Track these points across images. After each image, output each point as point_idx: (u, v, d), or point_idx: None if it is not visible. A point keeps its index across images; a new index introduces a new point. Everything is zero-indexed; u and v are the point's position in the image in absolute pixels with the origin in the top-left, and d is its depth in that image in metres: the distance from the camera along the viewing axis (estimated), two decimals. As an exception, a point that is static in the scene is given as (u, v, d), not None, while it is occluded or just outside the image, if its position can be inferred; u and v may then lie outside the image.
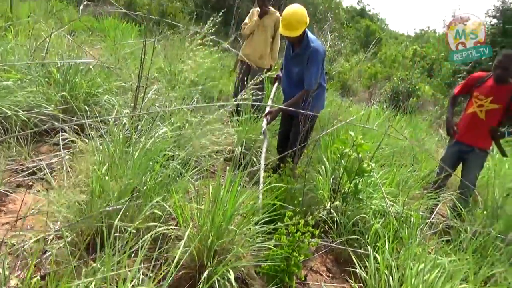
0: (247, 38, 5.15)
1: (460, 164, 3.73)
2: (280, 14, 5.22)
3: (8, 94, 3.05)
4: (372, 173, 2.84)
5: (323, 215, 2.70)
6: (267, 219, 2.18)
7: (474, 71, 9.77)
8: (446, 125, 3.74)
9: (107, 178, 2.07)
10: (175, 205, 2.02)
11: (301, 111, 2.97)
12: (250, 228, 2.05)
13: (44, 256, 1.89)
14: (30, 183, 2.59)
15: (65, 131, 3.02)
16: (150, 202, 2.00)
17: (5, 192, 2.40)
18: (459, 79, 9.97)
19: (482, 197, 3.93)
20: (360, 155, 2.81)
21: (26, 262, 1.82)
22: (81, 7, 9.05)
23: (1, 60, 3.81)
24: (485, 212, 3.06)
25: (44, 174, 2.68)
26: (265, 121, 3.33)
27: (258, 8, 5.03)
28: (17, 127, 2.91)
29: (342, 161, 2.93)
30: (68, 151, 2.88)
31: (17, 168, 2.67)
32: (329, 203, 2.85)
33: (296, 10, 3.13)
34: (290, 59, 3.36)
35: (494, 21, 9.98)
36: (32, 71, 3.51)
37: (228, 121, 4.28)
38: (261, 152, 3.74)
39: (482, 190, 4.17)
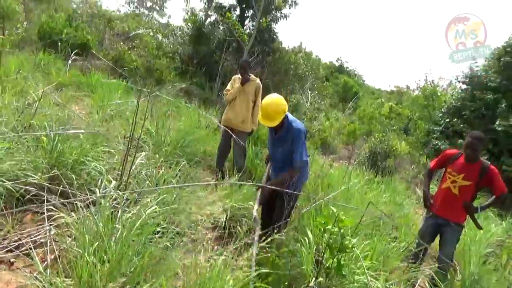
0: (229, 104, 5.39)
1: (438, 236, 3.87)
2: (261, 80, 5.58)
3: (-5, 163, 3.06)
4: (354, 249, 2.93)
5: (307, 291, 2.73)
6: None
7: (446, 132, 10.33)
8: (423, 197, 3.94)
9: (93, 261, 2.07)
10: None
11: (287, 190, 3.08)
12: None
13: None
14: (12, 259, 2.54)
15: (49, 201, 3.03)
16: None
17: (-15, 270, 2.35)
18: (432, 139, 10.47)
19: (460, 265, 4.04)
20: (342, 230, 2.91)
21: None
22: (69, 62, 9.30)
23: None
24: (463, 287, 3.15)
25: (28, 249, 2.66)
26: (255, 206, 3.30)
27: (239, 75, 5.34)
28: (2, 197, 2.90)
29: (325, 235, 3.02)
30: (52, 224, 2.87)
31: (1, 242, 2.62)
32: (313, 278, 2.89)
33: (272, 100, 3.28)
34: (273, 141, 3.53)
35: (464, 86, 10.74)
36: (21, 139, 3.53)
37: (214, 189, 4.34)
38: (244, 221, 3.80)
39: (459, 257, 4.29)
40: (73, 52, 9.81)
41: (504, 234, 5.31)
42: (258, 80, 5.42)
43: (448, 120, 10.40)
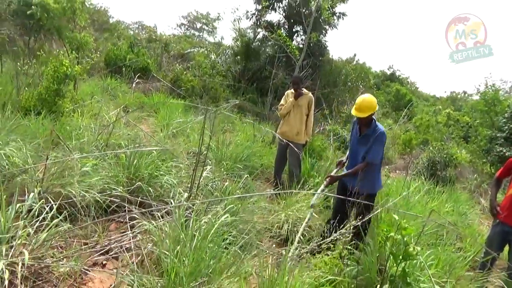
0: (283, 118, 5.61)
1: (508, 245, 3.74)
2: (312, 93, 5.77)
3: (86, 178, 3.50)
4: (418, 256, 2.95)
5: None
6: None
7: (511, 138, 9.72)
8: (490, 205, 3.85)
9: (180, 262, 2.33)
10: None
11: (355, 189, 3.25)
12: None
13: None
14: (104, 262, 2.89)
15: (131, 211, 3.40)
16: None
17: (84, 271, 2.71)
18: (496, 145, 9.91)
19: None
20: (405, 238, 2.96)
21: None
22: (133, 85, 10.10)
23: (76, 144, 4.37)
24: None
25: (117, 253, 3.01)
26: (314, 197, 3.67)
27: (292, 90, 5.57)
28: (92, 208, 3.31)
29: (387, 244, 3.07)
30: (135, 231, 3.22)
31: (93, 249, 2.99)
32: (377, 286, 2.95)
33: (368, 97, 3.70)
34: (357, 140, 3.83)
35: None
36: (103, 156, 3.98)
37: (274, 199, 4.53)
38: (306, 229, 3.94)
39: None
40: (136, 76, 10.68)
41: None
42: (310, 94, 5.62)
43: (512, 125, 9.79)
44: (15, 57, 8.17)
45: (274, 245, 3.53)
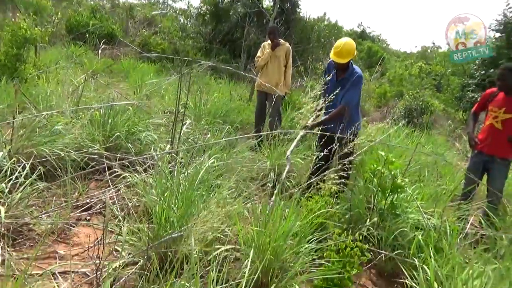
0: (261, 70, 5.46)
1: (486, 175, 3.86)
2: (290, 44, 5.61)
3: (59, 137, 3.30)
4: (405, 188, 2.99)
5: (363, 231, 2.83)
6: (314, 238, 2.34)
7: (483, 84, 9.97)
8: (468, 137, 3.94)
9: (169, 207, 2.25)
10: (238, 229, 2.18)
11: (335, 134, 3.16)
12: (303, 246, 2.20)
13: (118, 283, 2.04)
14: (88, 217, 2.78)
15: (109, 168, 3.25)
16: (212, 228, 2.17)
17: (68, 226, 2.59)
18: (468, 92, 10.14)
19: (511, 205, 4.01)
20: (392, 173, 2.97)
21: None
22: (99, 51, 9.60)
23: (45, 106, 4.11)
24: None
25: (100, 209, 2.89)
26: (290, 148, 3.58)
27: (269, 41, 5.38)
28: (69, 167, 3.14)
29: (375, 179, 3.09)
30: (116, 186, 3.10)
31: (74, 205, 2.86)
32: (367, 220, 2.98)
33: (347, 41, 3.55)
34: (334, 85, 3.69)
35: (498, 34, 10.24)
36: (77, 115, 3.77)
37: (257, 150, 4.47)
38: (286, 176, 3.92)
39: (509, 197, 4.27)
40: (102, 42, 10.12)
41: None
42: (287, 44, 5.46)
43: (483, 72, 9.99)
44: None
45: (259, 191, 3.49)
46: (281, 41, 5.46)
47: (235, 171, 3.40)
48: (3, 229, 2.25)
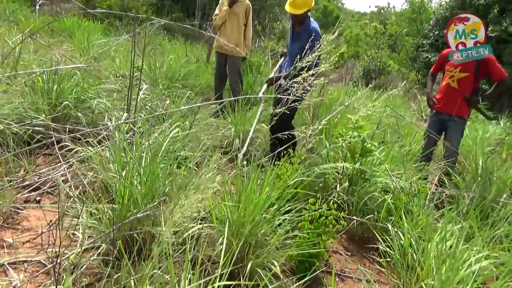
0: (219, 29, 5.14)
1: (444, 133, 4.00)
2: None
3: (-5, 107, 2.90)
4: (375, 152, 2.97)
5: (333, 197, 2.80)
6: (288, 209, 2.25)
7: (436, 44, 10.23)
8: (427, 97, 4.05)
9: (131, 184, 2.04)
10: (209, 205, 2.03)
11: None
12: (278, 219, 2.11)
13: (79, 271, 1.85)
14: (38, 198, 2.50)
15: (59, 141, 2.93)
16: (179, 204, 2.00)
17: (15, 210, 2.31)
18: (422, 52, 10.38)
19: (467, 162, 4.20)
20: (362, 137, 2.93)
21: (60, 278, 1.78)
22: (37, 7, 8.62)
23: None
24: (479, 178, 3.28)
25: (51, 188, 2.61)
26: (264, 86, 3.58)
27: None
28: (11, 141, 2.79)
29: (343, 144, 3.04)
30: (67, 161, 2.80)
31: (20, 184, 2.56)
32: (337, 185, 2.95)
33: None
34: (292, 38, 3.59)
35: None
36: (16, 82, 3.32)
37: (220, 116, 4.27)
38: (257, 141, 3.79)
39: (465, 154, 4.47)
40: (38, -3, 9.07)
41: (502, 133, 5.49)
42: (247, 1, 5.12)
43: (437, 32, 10.21)
44: None
45: (226, 161, 3.34)
46: None
47: (199, 139, 3.21)
48: None
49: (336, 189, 2.94)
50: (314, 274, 1.98)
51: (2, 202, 2.24)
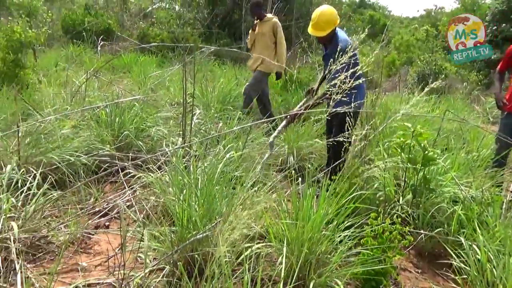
0: (251, 51, 5.14)
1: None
2: (285, 26, 5.25)
3: (67, 141, 3.16)
4: (438, 160, 2.79)
5: (396, 211, 2.66)
6: (348, 224, 2.17)
7: (495, 41, 9.54)
8: (496, 98, 3.73)
9: (189, 206, 2.10)
10: (267, 223, 2.02)
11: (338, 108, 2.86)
12: (339, 236, 2.03)
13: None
14: (107, 223, 2.65)
15: (123, 169, 3.11)
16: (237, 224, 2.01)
17: (87, 235, 2.46)
18: (481, 52, 9.72)
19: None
20: (422, 145, 2.77)
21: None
22: (99, 48, 9.39)
23: (49, 110, 3.97)
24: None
25: (117, 213, 2.76)
26: (283, 123, 3.31)
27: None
28: (81, 171, 3.01)
29: (402, 154, 2.89)
30: (131, 187, 2.96)
31: (90, 211, 2.73)
32: (400, 198, 2.80)
33: (324, 10, 3.14)
34: (323, 59, 3.40)
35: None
36: (83, 117, 3.62)
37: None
38: (312, 157, 3.74)
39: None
40: (99, 39, 9.91)
41: None
42: (275, 18, 5.02)
43: (495, 27, 9.55)
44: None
45: (281, 179, 3.32)
46: (268, 15, 5.06)
47: (253, 159, 3.24)
48: (20, 245, 2.13)
49: (398, 202, 2.78)
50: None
51: (76, 228, 2.40)
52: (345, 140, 2.66)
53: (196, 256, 1.98)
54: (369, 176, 2.99)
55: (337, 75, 2.90)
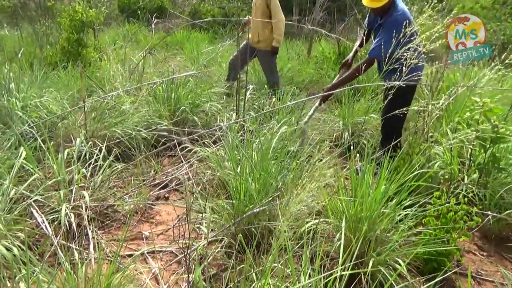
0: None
1: None
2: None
3: (128, 117, 3.31)
4: (510, 137, 2.57)
5: (461, 190, 2.51)
6: (408, 203, 2.08)
7: None
8: None
9: (246, 181, 2.12)
10: (325, 199, 2.00)
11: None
12: (399, 214, 1.97)
13: (206, 261, 1.99)
14: (166, 195, 2.77)
15: (180, 143, 3.21)
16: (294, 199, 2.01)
17: (149, 205, 2.60)
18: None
19: None
20: (492, 121, 2.56)
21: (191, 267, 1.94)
22: (153, 26, 9.62)
23: (110, 87, 4.17)
24: None
25: (176, 185, 2.88)
26: (316, 104, 3.16)
27: None
28: (142, 145, 3.16)
29: (469, 130, 2.70)
30: (188, 161, 3.06)
31: (151, 183, 2.87)
32: (465, 177, 2.64)
33: None
34: (375, 30, 3.09)
35: None
36: (141, 93, 3.76)
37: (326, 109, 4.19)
38: (368, 133, 3.61)
39: None
40: (153, 17, 10.15)
41: None
42: None
43: None
44: (31, 21, 7.91)
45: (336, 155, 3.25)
46: None
47: (308, 135, 3.20)
48: (90, 212, 2.29)
49: (463, 181, 2.63)
50: (445, 275, 1.79)
51: (139, 199, 2.54)
52: (401, 115, 2.51)
53: (253, 229, 2.02)
54: (431, 154, 2.85)
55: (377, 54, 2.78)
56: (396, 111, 2.47)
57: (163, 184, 2.87)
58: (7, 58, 4.93)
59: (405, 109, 2.49)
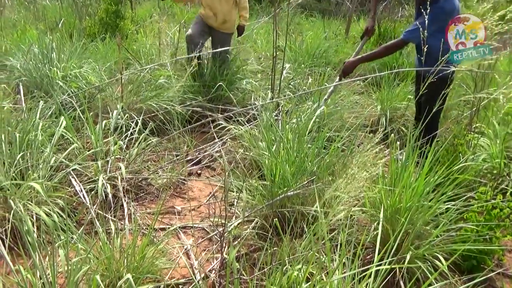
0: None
1: None
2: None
3: (163, 91, 3.32)
4: None
5: (506, 186, 2.37)
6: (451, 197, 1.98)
7: None
8: None
9: (283, 164, 2.08)
10: (364, 188, 1.94)
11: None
12: (439, 208, 1.87)
13: (238, 241, 1.98)
14: (199, 171, 2.78)
15: (213, 120, 3.19)
16: (330, 185, 1.96)
17: (182, 181, 2.62)
18: None
19: None
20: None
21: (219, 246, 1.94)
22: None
23: (146, 60, 4.18)
24: None
25: (208, 162, 2.88)
26: (336, 79, 3.09)
27: None
28: (177, 120, 3.16)
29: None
30: (221, 139, 3.04)
31: (184, 159, 2.88)
32: (511, 172, 2.49)
33: None
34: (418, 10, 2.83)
35: None
36: (176, 67, 3.75)
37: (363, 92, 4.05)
38: (407, 119, 3.46)
39: None
40: (190, -11, 10.06)
41: None
42: None
43: None
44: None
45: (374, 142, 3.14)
46: None
47: (343, 118, 3.10)
48: (125, 184, 2.34)
49: (509, 176, 2.48)
50: (488, 275, 1.70)
51: (173, 174, 2.56)
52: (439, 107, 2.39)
53: (286, 212, 1.99)
54: (475, 146, 2.70)
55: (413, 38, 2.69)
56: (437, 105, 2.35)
57: (195, 160, 2.88)
58: (48, 28, 5.02)
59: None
